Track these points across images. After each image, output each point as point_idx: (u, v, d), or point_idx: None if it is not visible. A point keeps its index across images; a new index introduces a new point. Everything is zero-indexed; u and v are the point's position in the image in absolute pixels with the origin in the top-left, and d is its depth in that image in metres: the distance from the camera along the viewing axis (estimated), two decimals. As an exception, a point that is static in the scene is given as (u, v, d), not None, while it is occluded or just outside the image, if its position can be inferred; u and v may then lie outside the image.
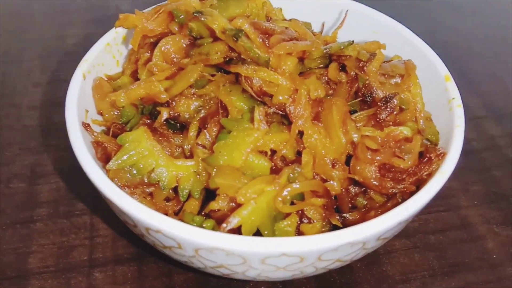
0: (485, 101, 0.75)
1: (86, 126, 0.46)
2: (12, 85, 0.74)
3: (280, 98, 0.45)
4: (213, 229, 0.40)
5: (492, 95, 0.76)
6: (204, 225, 0.40)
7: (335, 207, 0.46)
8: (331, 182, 0.43)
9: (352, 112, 0.47)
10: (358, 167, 0.44)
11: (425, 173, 0.43)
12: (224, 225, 0.38)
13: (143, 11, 0.54)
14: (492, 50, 0.85)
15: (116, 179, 0.44)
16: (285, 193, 0.40)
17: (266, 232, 0.40)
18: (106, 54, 0.54)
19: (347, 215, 0.45)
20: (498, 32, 0.89)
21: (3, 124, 0.68)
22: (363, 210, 0.46)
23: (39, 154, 0.64)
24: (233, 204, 0.41)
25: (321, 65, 0.49)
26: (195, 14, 0.45)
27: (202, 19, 0.45)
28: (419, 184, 0.44)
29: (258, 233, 0.40)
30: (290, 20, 0.55)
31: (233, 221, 0.38)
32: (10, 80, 0.75)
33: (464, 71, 0.79)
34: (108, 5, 0.93)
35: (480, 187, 0.62)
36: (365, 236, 0.37)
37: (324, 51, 0.47)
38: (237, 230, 0.40)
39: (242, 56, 0.46)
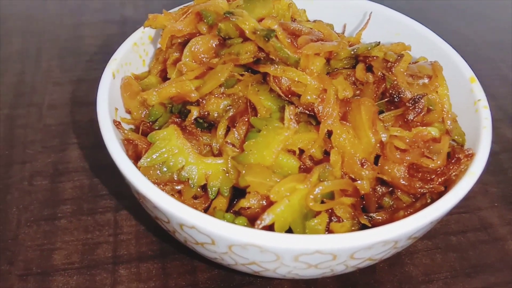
0: (499, 104, 0.75)
1: (117, 124, 0.46)
2: (31, 85, 0.75)
3: (309, 97, 0.45)
4: (245, 226, 0.40)
5: (505, 98, 0.76)
6: (236, 222, 0.40)
7: (361, 206, 0.46)
8: (360, 181, 0.43)
9: (379, 112, 0.48)
10: (387, 167, 0.44)
11: (453, 173, 0.43)
12: (258, 221, 0.39)
13: (170, 11, 0.54)
14: (500, 54, 0.85)
15: (146, 176, 0.44)
16: (316, 191, 0.41)
17: (297, 230, 0.40)
18: (133, 54, 0.55)
19: (373, 215, 0.46)
20: (506, 36, 0.90)
21: (25, 123, 0.68)
22: (389, 210, 0.46)
23: (60, 152, 0.64)
24: (264, 202, 0.42)
25: (347, 66, 0.50)
26: (226, 14, 0.46)
27: (233, 19, 0.45)
28: (447, 185, 0.45)
29: (288, 231, 0.41)
30: (315, 21, 0.55)
31: (267, 218, 0.39)
32: (30, 79, 0.76)
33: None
34: (124, 5, 0.93)
35: (498, 189, 0.62)
36: (398, 234, 0.37)
37: (352, 51, 0.48)
38: (268, 228, 0.40)
39: (270, 56, 0.46)
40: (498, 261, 0.54)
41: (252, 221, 0.41)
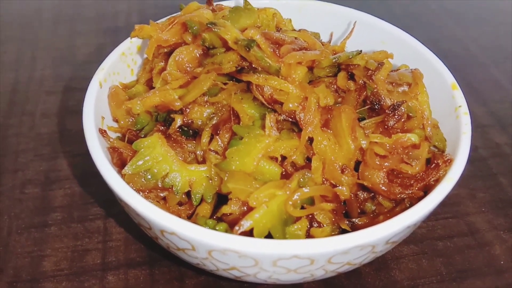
0: (490, 109, 0.76)
1: (102, 132, 0.47)
2: (25, 93, 0.76)
3: (291, 105, 0.46)
4: (226, 232, 0.41)
5: (496, 103, 0.77)
6: (217, 228, 0.41)
7: (344, 212, 0.47)
8: (341, 187, 0.44)
9: (361, 119, 0.48)
10: (367, 173, 0.45)
11: (432, 179, 0.44)
12: (236, 227, 0.39)
13: (157, 21, 0.55)
14: (494, 59, 0.86)
15: (131, 183, 0.45)
16: (295, 197, 0.41)
17: (277, 235, 0.41)
18: (121, 63, 0.56)
19: (356, 220, 0.46)
20: (499, 41, 0.90)
21: (17, 132, 0.69)
22: (371, 215, 0.47)
23: (52, 160, 0.65)
24: (245, 208, 0.43)
25: (330, 74, 0.51)
26: (208, 25, 0.47)
27: (215, 30, 0.46)
28: (427, 190, 0.45)
29: (269, 237, 0.41)
30: (300, 30, 0.56)
31: (246, 224, 0.39)
32: (23, 88, 0.77)
33: (468, 79, 0.80)
34: (117, 15, 0.95)
35: (486, 194, 0.63)
36: (374, 239, 0.38)
37: (333, 60, 0.49)
38: (249, 233, 0.41)
39: (253, 65, 0.47)
40: (485, 266, 0.55)
41: (234, 227, 0.41)
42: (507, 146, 0.69)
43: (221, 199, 0.47)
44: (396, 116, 0.45)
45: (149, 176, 0.45)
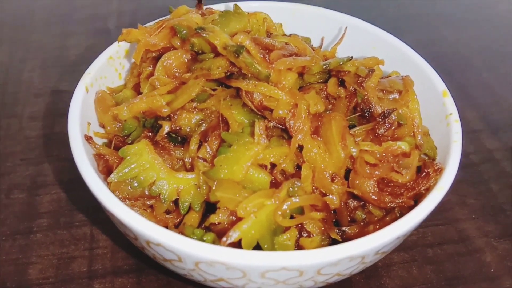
0: (481, 114, 0.76)
1: (88, 139, 0.46)
2: (13, 95, 0.75)
3: (280, 112, 0.46)
4: (214, 242, 0.40)
5: (488, 108, 0.77)
6: (204, 239, 0.40)
7: (334, 220, 0.46)
8: (330, 196, 0.43)
9: (351, 126, 0.48)
10: (357, 181, 0.44)
11: (423, 188, 0.43)
12: (224, 239, 0.39)
13: (145, 25, 0.55)
14: (487, 63, 0.86)
15: (117, 191, 0.44)
16: (284, 207, 0.41)
17: (266, 246, 0.40)
18: (109, 67, 0.55)
19: (346, 228, 0.46)
20: (492, 45, 0.90)
21: (4, 134, 0.68)
22: (362, 223, 0.46)
23: (39, 165, 0.64)
24: (233, 217, 0.42)
25: (321, 80, 0.50)
26: (197, 30, 0.46)
27: (204, 35, 0.45)
28: (417, 199, 0.45)
29: (258, 247, 0.41)
30: (290, 35, 0.56)
31: (234, 235, 0.39)
32: (11, 90, 0.76)
33: (461, 83, 0.80)
34: (109, 17, 0.94)
35: (477, 201, 0.63)
36: (363, 250, 0.38)
37: (324, 66, 0.48)
38: (237, 244, 0.40)
39: (243, 71, 0.47)
40: (475, 273, 0.54)
41: (222, 237, 0.41)
42: (498, 151, 0.69)
43: (210, 207, 0.46)
44: (386, 124, 0.45)
45: (136, 184, 0.45)
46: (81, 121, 0.47)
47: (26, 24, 0.91)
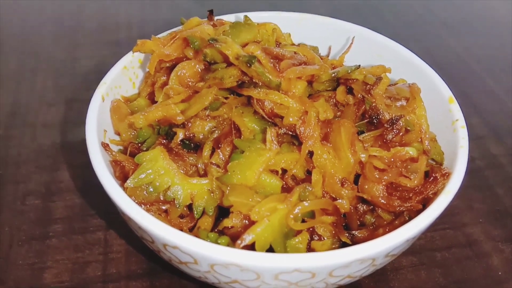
0: (486, 120, 0.77)
1: (105, 146, 0.48)
2: (26, 105, 0.76)
3: (291, 119, 0.47)
4: (228, 245, 0.41)
5: (492, 114, 0.78)
6: (219, 242, 0.41)
7: (344, 224, 0.47)
8: (340, 200, 0.45)
9: (360, 133, 0.49)
10: (366, 186, 0.45)
11: (431, 192, 0.45)
12: (239, 241, 0.40)
13: (158, 35, 0.56)
14: (489, 69, 0.87)
15: (133, 196, 0.46)
16: (296, 211, 0.42)
17: (278, 249, 0.41)
18: (123, 77, 0.56)
19: (355, 232, 0.47)
20: (494, 52, 0.92)
21: (19, 143, 0.70)
22: (371, 227, 0.48)
23: (53, 172, 0.66)
24: (246, 221, 0.43)
25: (329, 88, 0.52)
26: (210, 41, 0.47)
27: (217, 46, 0.47)
28: (425, 203, 0.46)
29: (270, 250, 0.42)
30: (299, 45, 0.57)
31: (248, 238, 0.40)
32: (24, 99, 0.77)
33: (464, 90, 0.81)
34: (118, 27, 0.96)
35: (484, 205, 0.63)
36: (374, 253, 0.39)
37: (332, 75, 0.49)
38: (250, 247, 0.41)
39: (254, 80, 0.48)
40: (483, 277, 0.55)
41: (235, 240, 0.42)
42: (503, 157, 0.70)
43: (223, 211, 0.47)
44: (394, 130, 0.46)
45: (151, 189, 0.46)
46: (98, 129, 0.48)
47: (35, 35, 0.93)
